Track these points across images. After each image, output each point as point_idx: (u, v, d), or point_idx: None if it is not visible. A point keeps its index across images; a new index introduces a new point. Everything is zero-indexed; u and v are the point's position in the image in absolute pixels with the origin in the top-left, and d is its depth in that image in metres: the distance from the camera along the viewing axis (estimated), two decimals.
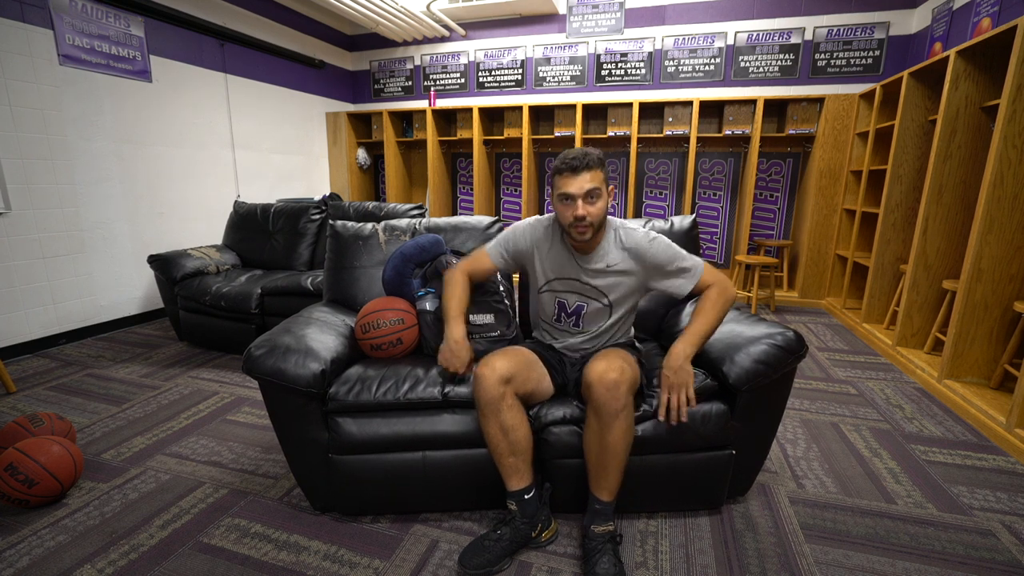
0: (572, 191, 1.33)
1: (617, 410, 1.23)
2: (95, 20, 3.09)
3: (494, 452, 1.33)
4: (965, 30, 3.23)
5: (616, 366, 1.26)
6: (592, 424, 1.29)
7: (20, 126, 2.76)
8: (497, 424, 1.30)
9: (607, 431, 1.25)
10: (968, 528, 1.49)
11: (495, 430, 1.30)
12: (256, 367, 1.36)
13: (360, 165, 5.40)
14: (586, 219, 1.33)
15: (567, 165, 1.34)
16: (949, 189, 2.62)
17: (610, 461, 1.28)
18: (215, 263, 3.12)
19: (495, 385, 1.28)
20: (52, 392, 2.40)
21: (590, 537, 1.30)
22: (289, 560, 1.35)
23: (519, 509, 1.34)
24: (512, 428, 1.30)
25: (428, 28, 4.82)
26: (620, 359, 1.31)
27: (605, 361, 1.29)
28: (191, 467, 1.79)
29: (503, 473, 1.34)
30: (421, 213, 2.97)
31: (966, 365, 2.36)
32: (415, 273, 1.75)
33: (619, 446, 1.26)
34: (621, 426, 1.25)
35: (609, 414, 1.24)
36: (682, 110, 4.25)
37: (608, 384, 1.23)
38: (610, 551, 1.27)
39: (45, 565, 1.33)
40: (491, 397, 1.29)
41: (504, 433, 1.30)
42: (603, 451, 1.27)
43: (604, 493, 1.31)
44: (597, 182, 1.33)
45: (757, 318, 1.56)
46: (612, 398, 1.23)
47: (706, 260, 1.53)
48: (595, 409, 1.26)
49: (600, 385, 1.24)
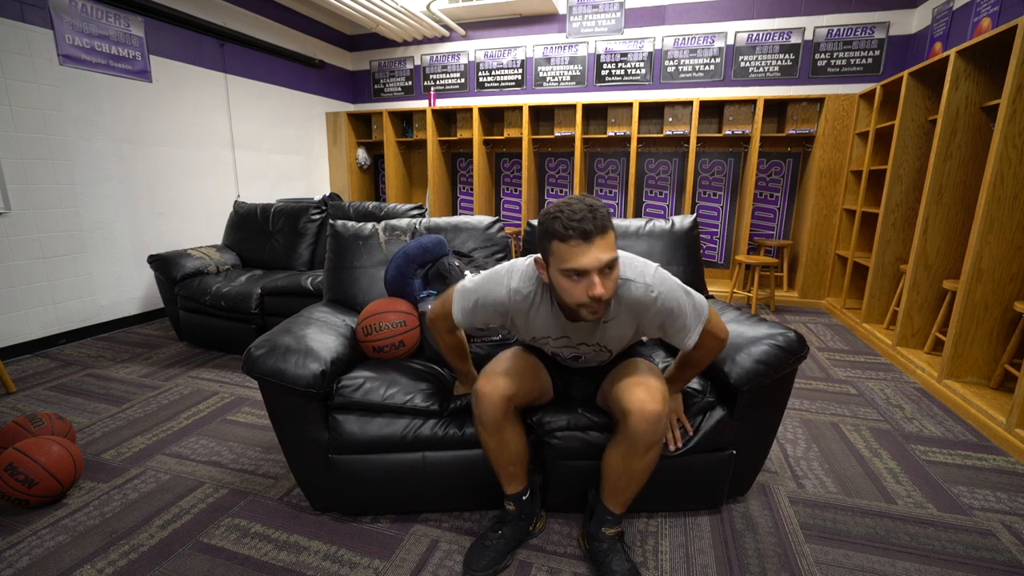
0: (586, 265, 1.02)
1: (654, 443, 1.20)
2: (95, 20, 3.09)
3: (494, 463, 1.34)
4: (965, 30, 3.23)
5: (658, 396, 1.17)
6: (622, 447, 1.23)
7: (20, 126, 2.76)
8: (497, 439, 1.29)
9: (637, 459, 1.22)
10: (968, 528, 1.49)
11: (495, 444, 1.30)
12: (256, 367, 1.36)
13: (360, 165, 5.40)
14: (603, 297, 1.04)
15: (575, 230, 1.00)
16: (949, 189, 2.62)
17: (631, 485, 1.26)
18: (215, 263, 3.12)
19: (498, 404, 1.24)
20: (52, 392, 2.40)
21: (600, 539, 1.30)
22: (289, 560, 1.35)
23: (518, 509, 1.37)
24: (511, 441, 1.30)
25: (428, 28, 4.82)
26: (658, 385, 1.20)
27: (644, 388, 1.18)
28: (191, 467, 1.79)
29: (502, 479, 1.36)
30: (421, 213, 2.97)
31: (966, 365, 2.36)
32: (417, 274, 1.74)
33: (644, 474, 1.25)
34: (653, 455, 1.23)
35: (645, 445, 1.19)
36: (682, 110, 4.25)
37: (649, 418, 1.16)
38: (620, 550, 1.29)
39: (45, 565, 1.33)
40: (493, 417, 1.25)
41: (503, 446, 1.30)
42: (627, 474, 1.25)
43: (617, 507, 1.30)
44: (613, 249, 1.05)
45: (757, 318, 1.56)
46: (652, 431, 1.17)
47: (705, 260, 1.51)
48: (630, 438, 1.19)
49: (641, 418, 1.16)
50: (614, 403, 1.26)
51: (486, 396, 1.24)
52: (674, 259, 1.87)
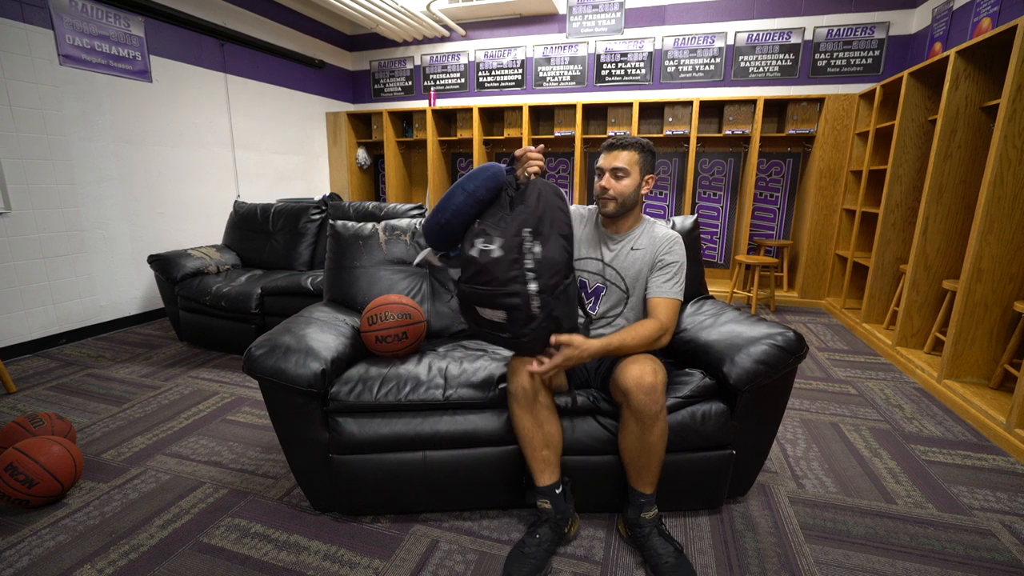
0: (602, 165, 1.48)
1: (656, 412, 1.27)
2: (95, 20, 3.09)
3: (527, 446, 1.34)
4: (965, 30, 3.23)
5: (649, 369, 1.28)
6: (631, 427, 1.30)
7: (20, 126, 2.76)
8: (531, 416, 1.32)
9: (647, 433, 1.28)
10: (968, 528, 1.49)
11: (529, 423, 1.32)
12: (257, 367, 1.36)
13: (360, 165, 5.40)
14: (608, 191, 1.45)
15: (606, 144, 1.49)
16: (949, 189, 2.62)
17: (652, 459, 1.32)
18: (215, 263, 3.12)
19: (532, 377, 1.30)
20: (52, 392, 2.40)
21: (640, 524, 1.34)
22: (289, 560, 1.35)
23: (553, 506, 1.34)
24: (547, 420, 1.33)
25: (428, 28, 4.82)
26: (650, 361, 1.32)
27: (637, 365, 1.29)
28: (191, 467, 1.79)
29: (534, 468, 1.34)
30: (421, 213, 2.97)
31: (966, 365, 2.36)
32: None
33: (659, 444, 1.31)
34: (660, 426, 1.29)
35: (649, 416, 1.26)
36: (682, 110, 4.25)
37: (646, 388, 1.25)
38: (661, 532, 1.33)
39: (45, 565, 1.33)
40: (529, 388, 1.30)
41: (539, 425, 1.32)
42: (644, 451, 1.30)
43: (647, 487, 1.35)
44: (626, 163, 1.44)
45: (757, 318, 1.56)
46: (651, 401, 1.25)
47: (705, 260, 1.55)
48: (634, 412, 1.27)
49: (639, 390, 1.25)
50: (615, 387, 1.34)
51: (519, 370, 1.32)
52: None
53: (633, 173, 1.45)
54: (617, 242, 1.54)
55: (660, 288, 1.46)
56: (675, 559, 1.27)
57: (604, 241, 1.56)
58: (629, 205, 1.48)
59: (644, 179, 1.49)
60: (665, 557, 1.28)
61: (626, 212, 1.50)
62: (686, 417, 1.40)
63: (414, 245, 1.97)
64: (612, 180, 1.45)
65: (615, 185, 1.45)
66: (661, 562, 1.27)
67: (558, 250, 1.24)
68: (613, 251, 1.53)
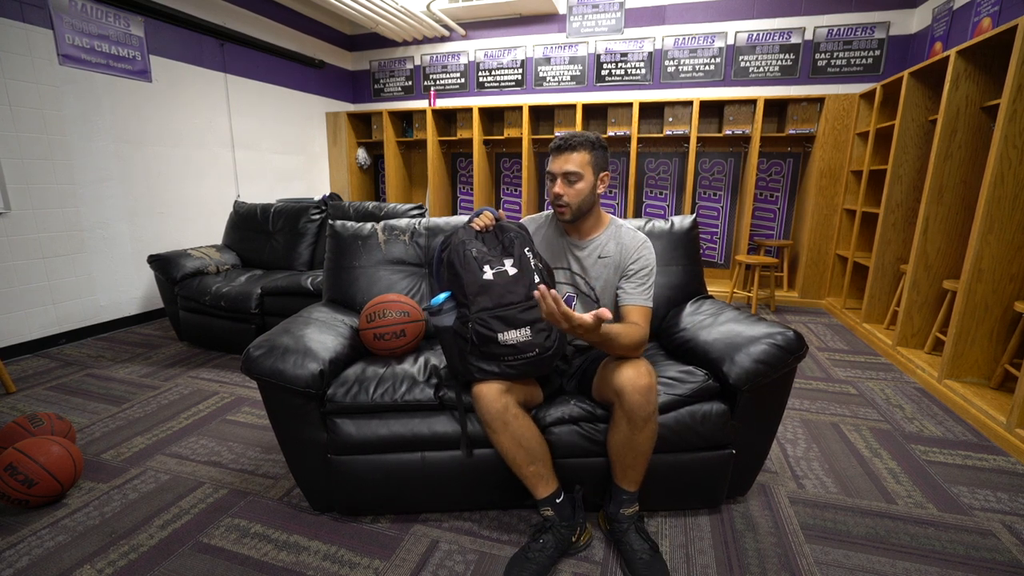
0: (552, 170, 1.42)
1: (650, 413, 1.26)
2: (95, 20, 3.09)
3: (513, 465, 1.32)
4: (965, 30, 3.23)
5: (644, 370, 1.26)
6: (622, 427, 1.28)
7: (20, 126, 2.76)
8: (508, 436, 1.29)
9: (638, 433, 1.27)
10: (968, 528, 1.49)
11: (508, 443, 1.29)
12: (255, 367, 1.36)
13: (360, 165, 5.40)
14: (562, 198, 1.40)
15: (553, 145, 1.41)
16: (949, 189, 2.62)
17: (639, 459, 1.31)
18: (215, 263, 3.12)
19: (497, 397, 1.27)
20: (52, 392, 2.40)
21: (619, 520, 1.34)
22: (289, 560, 1.35)
23: (556, 513, 1.33)
24: (523, 436, 1.30)
25: (428, 28, 4.82)
26: (643, 363, 1.30)
27: (632, 367, 1.26)
28: (191, 467, 1.79)
29: (528, 484, 1.33)
30: (421, 213, 2.97)
31: (966, 365, 2.36)
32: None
33: (648, 445, 1.30)
34: (652, 427, 1.28)
35: (642, 418, 1.25)
36: (682, 110, 4.25)
37: (641, 389, 1.23)
38: (636, 528, 1.34)
39: (45, 565, 1.33)
40: (495, 410, 1.27)
41: (517, 443, 1.29)
42: (632, 451, 1.30)
43: (631, 485, 1.35)
44: (577, 165, 1.37)
45: (757, 318, 1.55)
46: (646, 402, 1.24)
47: (705, 260, 1.54)
48: (627, 413, 1.26)
49: (634, 391, 1.23)
50: (607, 387, 1.32)
51: (483, 394, 1.29)
52: (674, 259, 1.87)
53: (586, 175, 1.39)
54: (583, 249, 1.50)
55: (633, 296, 1.43)
56: (649, 556, 1.28)
57: (569, 249, 1.52)
58: (586, 208, 1.44)
59: (599, 178, 1.43)
60: (640, 553, 1.28)
61: (584, 215, 1.46)
62: (685, 417, 1.39)
63: (413, 245, 1.97)
64: (565, 186, 1.39)
65: (569, 191, 1.39)
66: (636, 558, 1.28)
67: (544, 261, 1.41)
68: (580, 260, 1.50)
